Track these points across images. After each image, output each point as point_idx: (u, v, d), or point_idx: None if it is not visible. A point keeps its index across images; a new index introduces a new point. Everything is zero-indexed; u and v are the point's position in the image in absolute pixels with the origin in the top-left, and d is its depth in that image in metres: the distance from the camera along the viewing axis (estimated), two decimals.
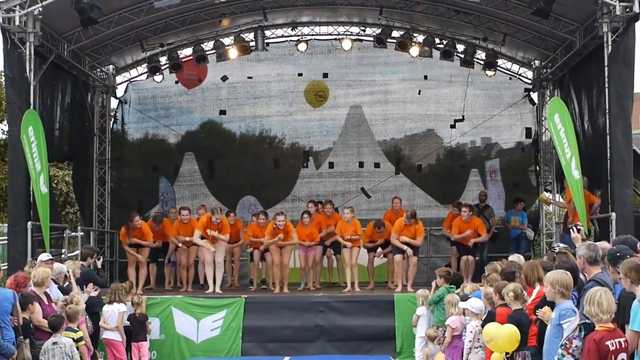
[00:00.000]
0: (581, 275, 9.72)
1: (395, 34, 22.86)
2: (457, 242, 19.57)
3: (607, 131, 17.00)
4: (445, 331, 14.00)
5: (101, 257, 16.86)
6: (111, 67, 23.64)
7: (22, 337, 11.55)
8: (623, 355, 7.59)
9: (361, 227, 19.02)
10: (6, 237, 18.37)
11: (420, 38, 22.96)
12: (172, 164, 24.68)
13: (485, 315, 12.12)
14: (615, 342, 7.62)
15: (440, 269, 16.11)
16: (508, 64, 24.16)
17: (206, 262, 18.60)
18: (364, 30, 24.07)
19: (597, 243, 10.15)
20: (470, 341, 12.68)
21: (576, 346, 8.38)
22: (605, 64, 17.13)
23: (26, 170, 16.82)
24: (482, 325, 11.93)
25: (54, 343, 11.89)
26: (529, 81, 24.18)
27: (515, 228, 22.09)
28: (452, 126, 24.49)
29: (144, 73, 24.08)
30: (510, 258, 13.72)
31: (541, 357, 9.56)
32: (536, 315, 10.23)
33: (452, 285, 15.12)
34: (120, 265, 21.99)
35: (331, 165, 24.70)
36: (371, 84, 24.81)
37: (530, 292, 11.28)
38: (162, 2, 18.03)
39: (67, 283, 14.34)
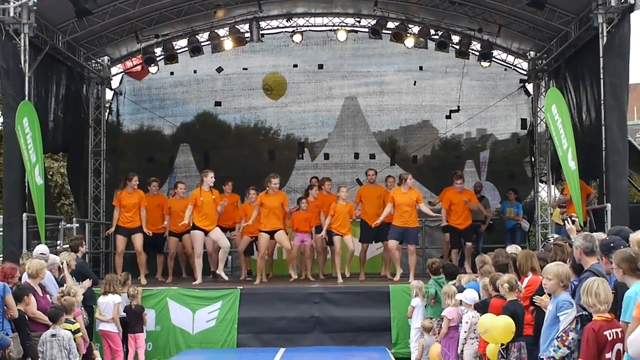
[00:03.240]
0: None
1: (390, 25, 22.88)
2: (450, 233, 19.56)
3: (603, 122, 17.00)
4: (440, 322, 14.06)
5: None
6: (106, 58, 23.59)
7: (15, 332, 11.58)
8: (619, 345, 7.60)
9: (355, 210, 19.06)
10: (1, 229, 18.35)
11: (416, 29, 22.94)
12: (167, 156, 24.67)
13: (481, 301, 12.16)
14: (613, 333, 7.64)
15: (429, 260, 16.17)
16: (503, 55, 24.15)
17: (208, 252, 18.68)
18: (359, 22, 24.06)
19: (593, 234, 10.16)
20: (465, 332, 12.73)
21: (572, 338, 8.43)
22: (601, 55, 17.12)
23: (21, 161, 16.80)
24: (475, 307, 12.00)
25: (53, 335, 11.89)
26: (524, 72, 24.19)
27: (511, 219, 22.10)
28: (448, 117, 24.53)
29: (139, 64, 24.03)
30: (508, 249, 13.76)
31: (537, 346, 9.58)
32: (533, 302, 10.26)
33: (441, 276, 15.17)
34: (115, 257, 21.95)
35: (326, 156, 24.72)
36: (366, 75, 24.83)
37: (522, 281, 11.32)
38: None
39: (61, 275, 14.34)
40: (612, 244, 8.84)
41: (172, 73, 24.43)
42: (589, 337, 7.68)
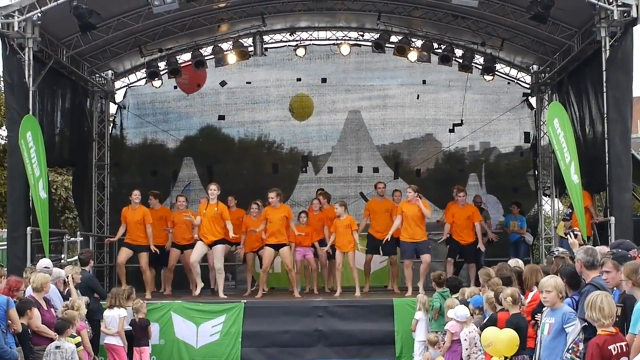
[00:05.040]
0: None
1: (393, 38, 22.89)
2: (451, 244, 19.49)
3: (606, 136, 17.02)
4: (445, 335, 14.05)
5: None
6: (110, 72, 23.64)
7: (18, 346, 11.61)
8: (625, 359, 7.61)
9: (356, 223, 18.92)
10: (5, 243, 18.36)
11: (419, 43, 22.97)
12: (171, 169, 24.68)
13: (486, 319, 12.15)
14: (617, 347, 7.64)
15: (433, 273, 16.18)
16: (506, 69, 24.16)
17: (209, 267, 18.73)
18: (363, 35, 24.10)
19: (595, 247, 10.18)
20: (467, 348, 12.75)
21: (583, 349, 8.43)
22: (604, 69, 17.15)
23: (25, 175, 16.82)
24: (481, 328, 11.99)
25: (57, 347, 11.95)
26: (527, 86, 24.20)
27: (514, 232, 22.09)
28: (451, 130, 24.52)
29: (143, 78, 24.09)
30: (510, 262, 13.76)
31: None
32: (534, 319, 10.27)
33: (446, 289, 15.18)
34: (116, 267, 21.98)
35: (330, 170, 24.73)
36: (370, 89, 24.86)
37: (527, 295, 11.33)
38: (160, 8, 18.03)
39: (67, 289, 14.35)
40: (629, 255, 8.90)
41: (175, 87, 24.48)
42: (593, 352, 7.68)
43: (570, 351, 8.53)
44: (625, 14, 16.87)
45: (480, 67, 23.22)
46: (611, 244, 11.92)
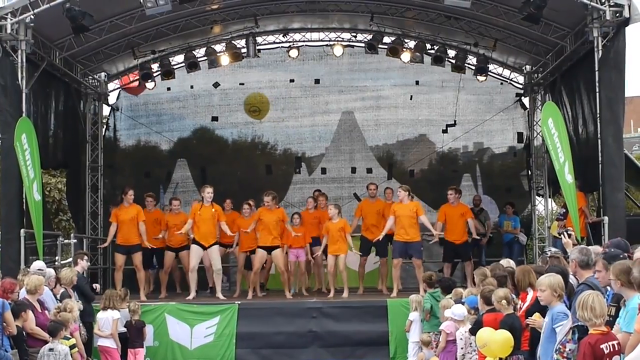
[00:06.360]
0: (573, 279, 9.78)
1: (386, 39, 22.92)
2: (445, 247, 19.48)
3: (599, 135, 17.05)
4: (438, 336, 14.06)
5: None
6: (103, 74, 23.63)
7: (14, 348, 11.61)
8: (617, 357, 7.62)
9: (349, 224, 18.88)
10: None
11: (412, 44, 23.00)
12: (165, 171, 24.68)
13: (474, 322, 12.16)
14: (609, 345, 7.65)
15: (424, 274, 16.18)
16: (499, 69, 24.20)
17: (205, 267, 18.77)
18: (355, 36, 24.13)
19: (589, 247, 10.19)
20: (462, 348, 12.75)
21: (570, 349, 8.42)
22: (596, 69, 17.16)
23: (19, 177, 16.80)
24: (470, 332, 12.00)
25: (50, 349, 11.95)
26: (520, 86, 24.25)
27: (508, 233, 22.11)
28: (444, 131, 24.56)
29: (136, 80, 24.06)
30: (503, 263, 13.76)
31: None
32: (527, 322, 10.28)
33: (437, 290, 15.17)
34: (113, 272, 21.91)
35: (324, 171, 24.74)
36: (363, 90, 24.89)
37: (524, 297, 11.32)
38: (153, 9, 18.01)
39: (62, 290, 14.34)
40: (621, 256, 8.91)
41: (168, 88, 24.47)
42: (585, 351, 7.68)
43: (557, 352, 8.53)
44: (617, 14, 16.89)
45: (473, 67, 23.26)
46: (609, 242, 11.91)
